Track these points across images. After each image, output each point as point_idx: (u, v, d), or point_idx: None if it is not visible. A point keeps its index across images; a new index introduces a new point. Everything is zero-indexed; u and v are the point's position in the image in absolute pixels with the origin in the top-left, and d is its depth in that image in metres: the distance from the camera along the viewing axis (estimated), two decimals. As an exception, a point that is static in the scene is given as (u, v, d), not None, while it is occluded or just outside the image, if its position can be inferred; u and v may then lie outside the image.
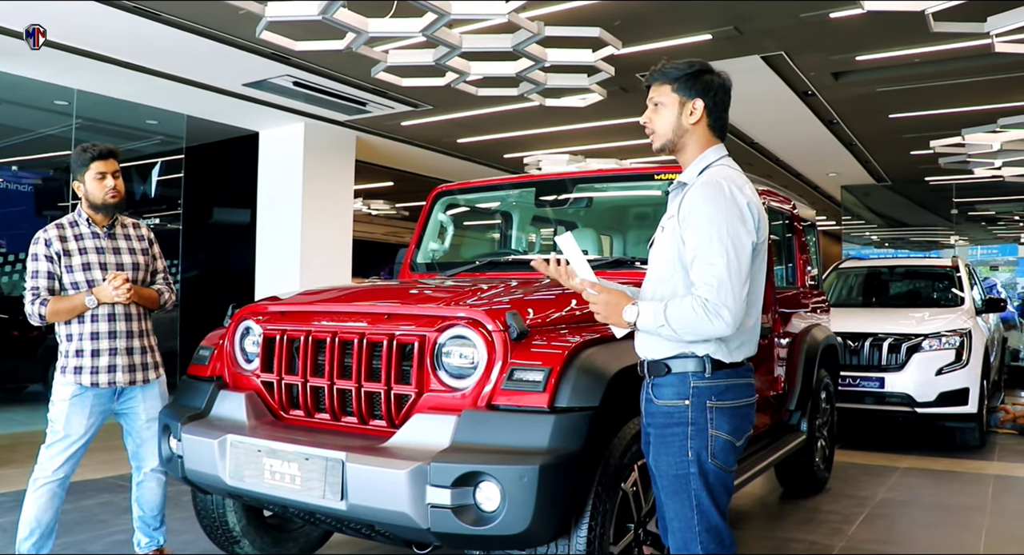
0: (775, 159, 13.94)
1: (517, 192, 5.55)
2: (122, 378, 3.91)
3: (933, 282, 9.99)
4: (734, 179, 2.60)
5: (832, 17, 7.07)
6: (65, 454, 3.86)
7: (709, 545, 2.60)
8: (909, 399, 7.70)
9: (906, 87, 9.34)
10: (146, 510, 4.13)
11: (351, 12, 5.71)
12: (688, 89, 2.69)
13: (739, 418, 2.64)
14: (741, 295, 2.47)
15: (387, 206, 18.80)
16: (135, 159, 12.04)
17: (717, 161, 2.70)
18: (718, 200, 2.53)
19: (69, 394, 3.85)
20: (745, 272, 2.50)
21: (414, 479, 2.81)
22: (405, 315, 3.33)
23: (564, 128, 11.57)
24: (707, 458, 2.58)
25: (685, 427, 2.59)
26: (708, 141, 2.73)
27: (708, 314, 2.45)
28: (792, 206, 5.94)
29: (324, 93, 9.48)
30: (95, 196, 3.92)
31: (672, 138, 2.73)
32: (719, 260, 2.47)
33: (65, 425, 3.84)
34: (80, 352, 3.85)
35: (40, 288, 3.80)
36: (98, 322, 3.86)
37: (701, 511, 2.59)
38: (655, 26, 7.48)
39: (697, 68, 2.70)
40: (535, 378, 2.94)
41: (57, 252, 3.84)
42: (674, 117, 2.71)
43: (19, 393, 11.05)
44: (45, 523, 3.87)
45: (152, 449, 4.07)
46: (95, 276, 3.88)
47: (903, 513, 5.74)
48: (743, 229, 2.52)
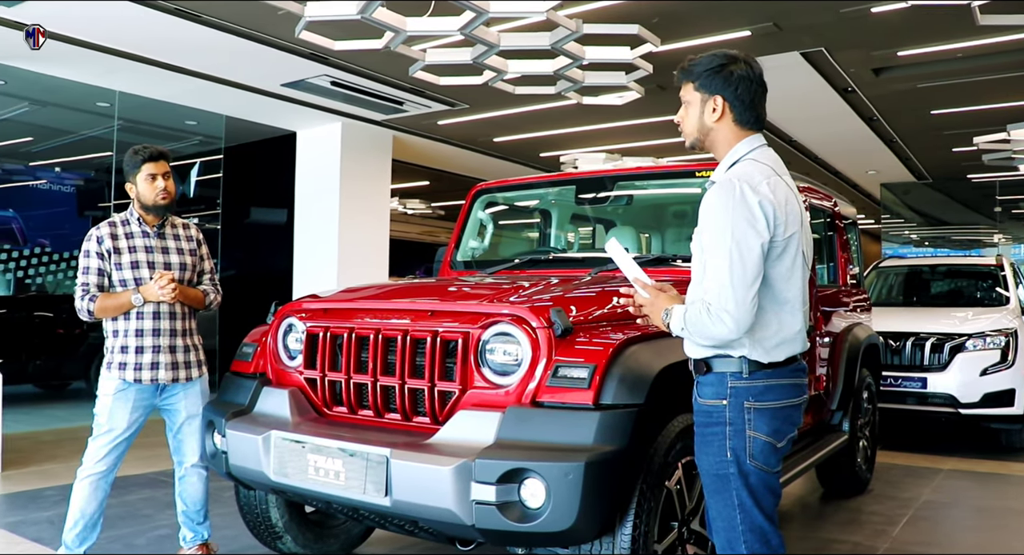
0: (813, 157, 13.80)
1: (556, 190, 5.53)
2: (164, 375, 3.95)
3: (976, 281, 9.84)
4: (750, 177, 2.53)
5: (873, 12, 7.00)
6: (108, 447, 3.92)
7: (754, 545, 2.57)
8: (952, 400, 7.58)
9: (949, 82, 9.21)
10: (189, 505, 4.18)
11: (389, 11, 5.73)
12: (708, 86, 2.65)
13: (780, 420, 2.59)
14: (745, 298, 2.44)
15: (423, 205, 18.83)
16: (175, 160, 12.08)
17: (746, 155, 2.64)
18: (727, 201, 2.50)
19: (113, 389, 3.90)
20: (751, 274, 2.46)
21: (459, 476, 2.81)
22: (449, 312, 3.33)
23: (601, 126, 11.54)
24: (746, 459, 2.55)
25: (724, 427, 2.57)
26: (737, 135, 2.67)
27: (711, 318, 2.45)
28: (833, 204, 5.88)
29: (361, 93, 9.52)
30: (146, 197, 4.00)
31: (698, 136, 2.72)
32: (722, 263, 2.46)
33: (109, 419, 3.90)
34: (125, 348, 3.90)
35: (90, 284, 3.88)
36: (143, 319, 3.91)
37: (744, 511, 2.57)
38: (693, 23, 7.44)
39: (717, 63, 2.64)
40: (580, 375, 2.93)
41: (108, 249, 3.91)
42: (697, 115, 2.69)
43: (63, 390, 11.22)
44: (89, 515, 3.94)
45: (193, 445, 4.12)
46: (143, 274, 3.94)
47: (947, 515, 5.66)
48: (751, 230, 2.46)
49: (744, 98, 2.64)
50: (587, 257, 4.88)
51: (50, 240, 11.00)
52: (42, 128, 11.37)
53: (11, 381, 8.08)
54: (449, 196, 18.02)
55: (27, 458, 6.92)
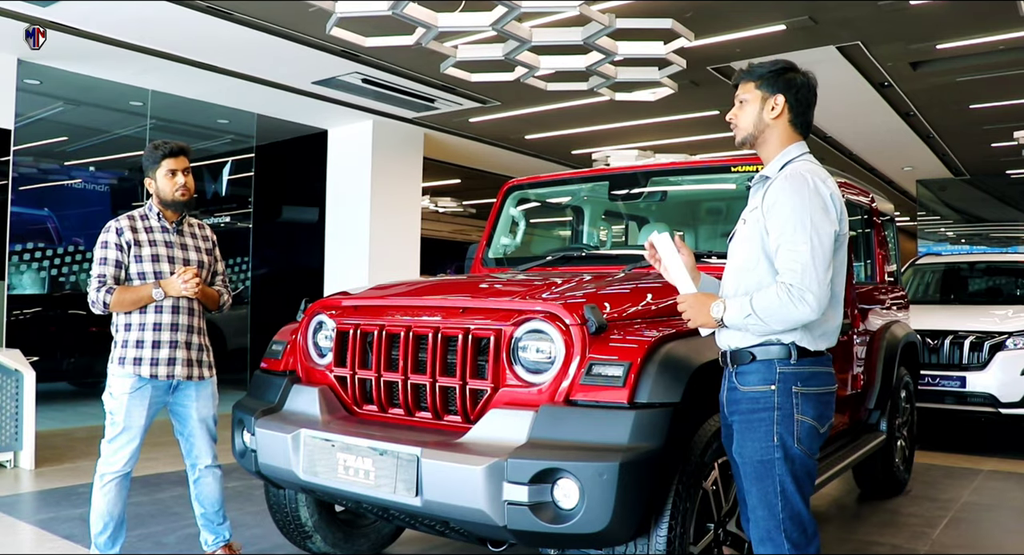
0: (848, 153, 13.63)
1: (589, 186, 5.47)
2: (180, 371, 3.87)
3: (1016, 279, 9.68)
4: (817, 172, 2.68)
5: (912, 4, 6.87)
6: (129, 447, 3.84)
7: (792, 532, 2.63)
8: (992, 399, 7.44)
9: (989, 76, 9.04)
10: (207, 506, 4.09)
11: (421, 7, 5.70)
12: (771, 85, 2.78)
13: (823, 405, 2.68)
14: (825, 280, 2.54)
15: (454, 203, 18.83)
16: (207, 158, 12.23)
17: (799, 157, 2.77)
18: (802, 191, 2.60)
19: (129, 387, 3.82)
20: (828, 258, 2.56)
21: (491, 475, 2.77)
22: (480, 309, 3.28)
23: (633, 123, 11.46)
24: (792, 443, 2.62)
25: (771, 412, 2.63)
26: (790, 137, 2.80)
27: (793, 299, 2.51)
28: (871, 200, 5.77)
29: (393, 90, 9.52)
30: (165, 193, 3.92)
31: (753, 132, 2.82)
32: (803, 246, 2.54)
33: (126, 417, 3.82)
34: (140, 343, 3.82)
35: (107, 276, 3.80)
36: (162, 313, 3.83)
37: (785, 497, 2.62)
38: (727, 17, 7.34)
39: (781, 66, 2.80)
40: (614, 373, 2.87)
41: (128, 241, 3.83)
42: (756, 112, 2.80)
43: (96, 388, 11.29)
44: (117, 515, 3.87)
45: (205, 446, 4.03)
46: (163, 268, 3.87)
47: (988, 517, 5.53)
48: (826, 218, 2.58)
49: (802, 101, 2.79)
50: (620, 254, 4.82)
51: (84, 239, 11.08)
52: (76, 127, 11.47)
53: (45, 379, 8.15)
54: (480, 194, 17.99)
55: (61, 455, 6.97)
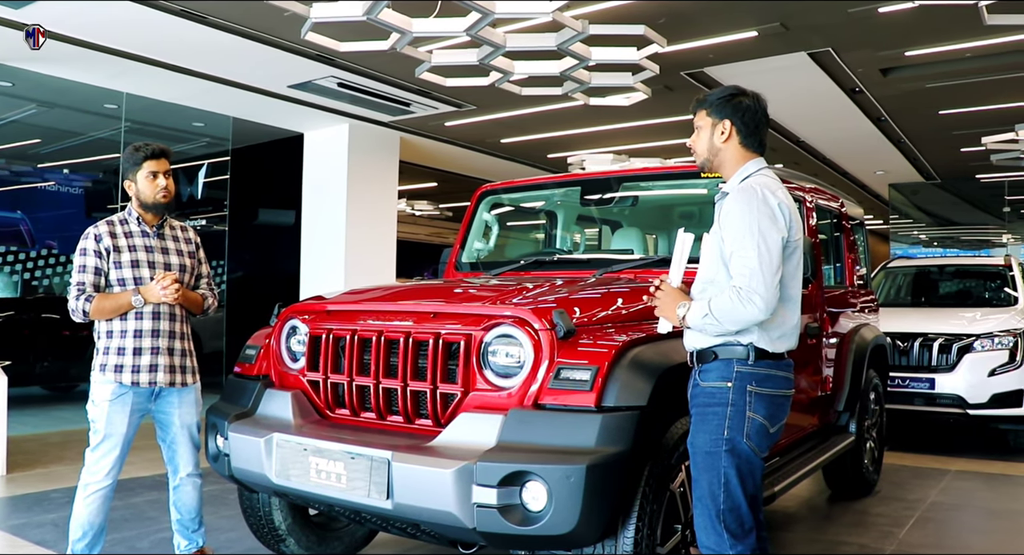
0: (821, 157, 13.77)
1: (562, 191, 5.52)
2: (163, 378, 3.84)
3: (985, 281, 9.80)
4: (767, 185, 2.86)
5: (881, 12, 6.97)
6: (111, 456, 3.81)
7: (731, 524, 2.77)
8: (960, 401, 7.55)
9: (957, 82, 9.17)
10: (184, 513, 4.08)
11: (395, 12, 5.72)
12: (719, 111, 2.98)
13: (775, 406, 2.85)
14: (772, 283, 2.70)
15: (431, 207, 18.86)
16: (182, 161, 12.19)
17: (756, 171, 2.95)
18: (751, 202, 2.79)
19: (110, 394, 3.78)
20: (776, 263, 2.73)
21: (460, 479, 2.80)
22: (451, 314, 3.32)
23: (608, 127, 11.53)
24: (741, 439, 2.77)
25: (725, 407, 2.78)
26: (744, 156, 2.99)
27: (742, 300, 2.68)
28: (840, 204, 5.85)
29: (368, 94, 9.53)
30: (146, 195, 3.89)
31: (708, 157, 3.03)
32: (751, 253, 2.72)
33: (107, 425, 3.78)
34: (122, 350, 3.78)
35: (86, 284, 3.76)
36: (143, 319, 3.80)
37: (728, 489, 2.76)
38: (700, 23, 7.42)
39: (728, 92, 2.99)
40: (582, 377, 2.92)
41: (107, 248, 3.80)
42: (708, 137, 3.01)
43: (69, 392, 11.24)
44: (97, 525, 3.84)
45: (187, 454, 4.02)
46: (143, 274, 3.83)
47: (955, 517, 5.62)
48: (773, 226, 2.76)
49: (749, 124, 2.97)
50: (592, 258, 4.86)
51: (58, 242, 11.02)
52: (50, 130, 11.41)
53: (18, 383, 8.10)
54: (457, 197, 18.01)
55: (33, 460, 6.94)
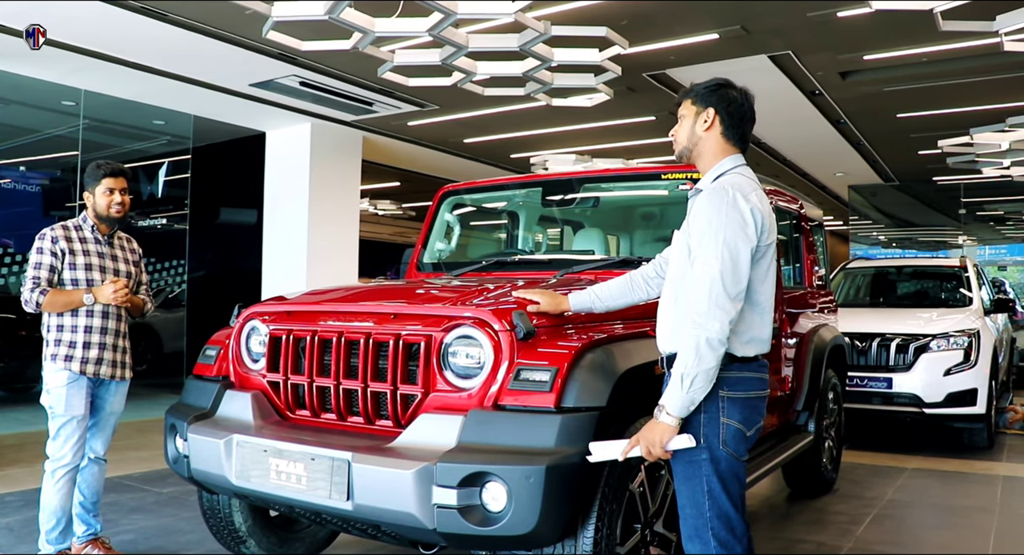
0: (782, 159, 13.91)
1: (524, 192, 5.53)
2: (106, 370, 4.22)
3: (941, 282, 9.95)
4: (741, 186, 2.72)
5: (839, 16, 7.06)
6: (75, 436, 4.12)
7: (720, 531, 2.67)
8: (917, 400, 7.66)
9: (914, 86, 9.32)
10: (87, 495, 4.31)
11: (357, 12, 5.71)
12: (704, 100, 2.86)
13: (750, 409, 2.75)
14: (733, 291, 2.60)
15: (394, 206, 18.81)
16: (142, 159, 12.06)
17: (732, 169, 2.83)
18: (721, 206, 2.67)
19: (66, 379, 4.12)
20: (741, 270, 2.62)
21: (420, 479, 2.80)
22: (411, 315, 3.32)
23: (571, 128, 11.56)
24: (718, 445, 2.67)
25: (699, 415, 2.67)
26: (724, 149, 2.86)
27: (698, 333, 2.57)
28: (799, 206, 5.92)
29: (331, 93, 9.49)
30: (101, 209, 4.29)
31: (688, 145, 2.90)
32: (713, 261, 2.62)
33: (67, 407, 4.11)
34: (73, 343, 4.15)
35: (41, 279, 4.11)
36: (93, 317, 4.18)
37: (712, 497, 2.67)
38: (662, 25, 7.47)
39: (716, 83, 2.89)
40: (541, 378, 2.92)
41: (62, 249, 4.16)
42: (690, 125, 2.89)
43: (25, 393, 11.05)
44: (68, 511, 4.14)
45: (104, 438, 4.35)
46: (94, 277, 4.22)
47: (911, 514, 5.72)
48: (742, 234, 2.64)
49: (733, 115, 2.85)
50: (554, 259, 4.87)
51: (14, 240, 10.84)
52: (6, 127, 11.23)
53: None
54: (420, 197, 17.96)
55: (-11, 462, 6.84)
